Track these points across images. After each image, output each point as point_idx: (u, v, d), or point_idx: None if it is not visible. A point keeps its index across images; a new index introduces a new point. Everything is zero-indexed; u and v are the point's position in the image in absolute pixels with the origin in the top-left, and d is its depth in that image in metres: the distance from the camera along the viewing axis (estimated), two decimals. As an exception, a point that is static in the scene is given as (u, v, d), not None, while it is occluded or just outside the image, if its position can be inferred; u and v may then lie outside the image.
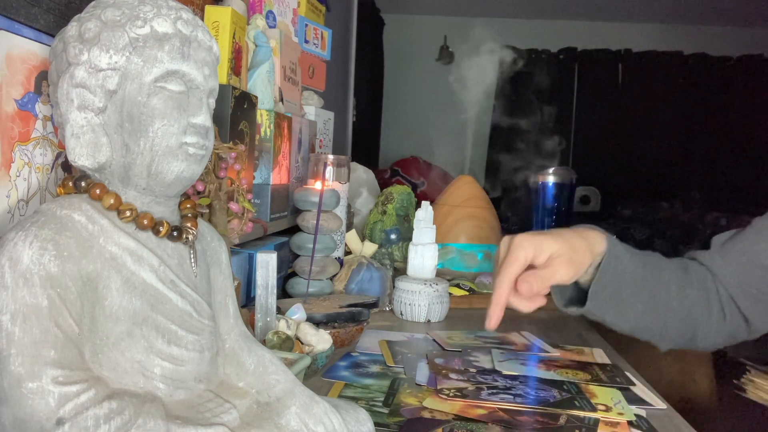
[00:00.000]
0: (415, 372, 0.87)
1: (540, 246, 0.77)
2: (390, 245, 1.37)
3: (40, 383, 0.40)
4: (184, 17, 0.49)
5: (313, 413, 0.52)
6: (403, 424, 0.70)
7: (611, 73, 4.75)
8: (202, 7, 0.95)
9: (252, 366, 0.54)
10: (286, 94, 1.20)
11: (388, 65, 4.62)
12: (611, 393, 0.81)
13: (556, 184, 1.68)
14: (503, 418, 0.72)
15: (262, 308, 0.82)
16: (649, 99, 4.61)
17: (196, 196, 0.75)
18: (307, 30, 1.42)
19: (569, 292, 0.92)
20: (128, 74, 0.47)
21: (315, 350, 0.82)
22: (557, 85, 4.75)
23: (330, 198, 1.15)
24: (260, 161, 1.05)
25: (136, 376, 0.46)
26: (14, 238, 0.42)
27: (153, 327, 0.47)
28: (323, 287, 1.15)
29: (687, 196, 4.12)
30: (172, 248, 0.50)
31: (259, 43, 1.07)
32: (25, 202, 0.58)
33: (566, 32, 4.71)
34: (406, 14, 4.70)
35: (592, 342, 1.08)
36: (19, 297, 0.41)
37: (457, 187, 1.55)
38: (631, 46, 4.69)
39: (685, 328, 0.88)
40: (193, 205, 0.55)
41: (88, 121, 0.47)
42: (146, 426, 0.43)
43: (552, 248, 0.77)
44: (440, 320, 1.18)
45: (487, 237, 1.49)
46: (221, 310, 0.55)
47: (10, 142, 0.56)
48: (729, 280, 0.88)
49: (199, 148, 0.49)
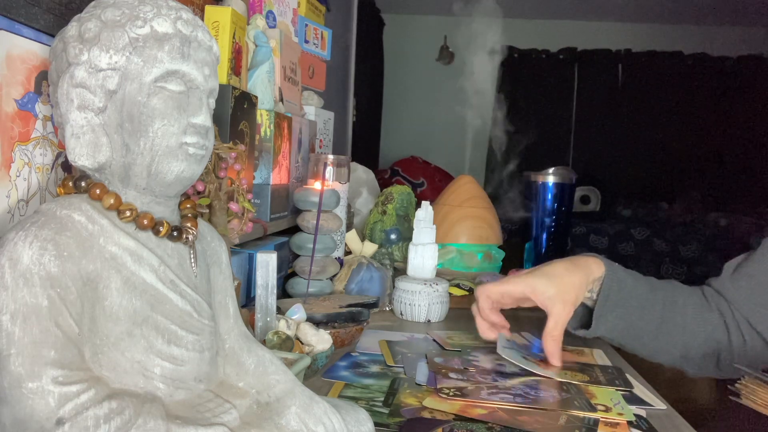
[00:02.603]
0: (415, 372, 0.87)
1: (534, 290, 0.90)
2: (390, 245, 1.37)
3: (40, 383, 0.40)
4: (184, 17, 0.49)
5: (313, 413, 0.52)
6: (403, 424, 0.70)
7: (611, 73, 4.75)
8: (202, 7, 0.95)
9: (252, 366, 0.54)
10: (286, 94, 1.20)
11: (388, 65, 4.62)
12: (611, 393, 0.81)
13: (556, 184, 1.68)
14: (503, 418, 0.72)
15: (262, 308, 0.82)
16: (649, 99, 4.61)
17: (196, 196, 0.75)
18: (307, 30, 1.42)
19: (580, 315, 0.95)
20: (128, 74, 0.47)
21: (315, 350, 0.82)
22: (557, 85, 4.75)
23: (330, 198, 1.15)
24: (260, 161, 1.05)
25: (136, 376, 0.46)
26: (14, 238, 0.42)
27: (153, 327, 0.47)
28: (323, 287, 1.15)
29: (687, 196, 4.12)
30: (172, 248, 0.50)
31: (259, 43, 1.07)
32: (25, 202, 0.58)
33: (566, 32, 4.72)
34: (406, 14, 4.70)
35: (592, 342, 1.08)
36: (19, 297, 0.41)
37: (457, 187, 1.55)
38: (631, 46, 4.69)
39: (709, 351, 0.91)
40: (193, 205, 0.55)
41: (88, 121, 0.47)
42: (146, 426, 0.43)
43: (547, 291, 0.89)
44: (440, 320, 1.18)
45: (487, 237, 1.49)
46: (221, 310, 0.55)
47: (10, 142, 0.56)
48: (743, 305, 0.90)
49: (199, 148, 0.49)
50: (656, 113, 4.59)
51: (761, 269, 0.90)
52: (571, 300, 0.89)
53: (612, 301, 0.90)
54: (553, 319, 0.89)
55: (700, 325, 0.90)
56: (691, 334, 0.90)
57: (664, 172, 4.54)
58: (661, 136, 4.57)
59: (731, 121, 4.45)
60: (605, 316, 0.90)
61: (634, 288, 0.91)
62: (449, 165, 3.97)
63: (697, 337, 0.90)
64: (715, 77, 4.58)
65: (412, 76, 4.79)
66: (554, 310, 0.88)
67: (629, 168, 4.60)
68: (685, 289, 0.94)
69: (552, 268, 0.91)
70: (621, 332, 0.91)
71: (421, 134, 4.73)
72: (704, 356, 0.91)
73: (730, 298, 0.91)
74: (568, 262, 0.92)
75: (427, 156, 4.03)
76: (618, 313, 0.90)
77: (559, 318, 0.88)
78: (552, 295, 0.88)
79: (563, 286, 0.88)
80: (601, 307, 0.90)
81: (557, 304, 0.88)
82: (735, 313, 0.90)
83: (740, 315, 0.90)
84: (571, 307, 0.89)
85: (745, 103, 4.39)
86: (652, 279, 0.95)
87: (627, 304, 0.90)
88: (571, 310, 0.89)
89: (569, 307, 0.89)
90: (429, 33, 4.71)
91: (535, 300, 0.90)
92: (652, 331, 0.90)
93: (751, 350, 0.89)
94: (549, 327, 0.89)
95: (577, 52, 4.77)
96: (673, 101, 4.59)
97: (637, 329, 0.90)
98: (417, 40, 4.77)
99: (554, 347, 0.90)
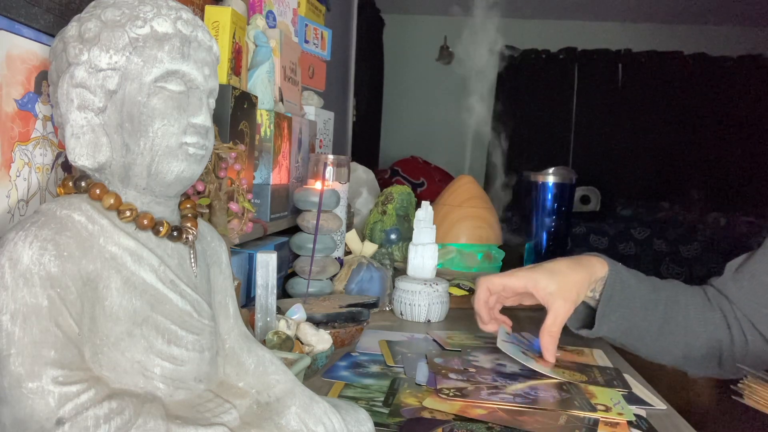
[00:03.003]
0: (415, 372, 0.87)
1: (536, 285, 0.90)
2: (390, 245, 1.37)
3: (40, 383, 0.40)
4: (184, 17, 0.49)
5: (313, 413, 0.52)
6: (403, 424, 0.70)
7: (611, 73, 4.75)
8: (202, 7, 0.95)
9: (252, 366, 0.54)
10: (286, 94, 1.20)
11: (388, 65, 4.62)
12: (611, 393, 0.81)
13: (556, 184, 1.68)
14: (503, 418, 0.72)
15: (262, 308, 0.82)
16: (649, 99, 4.61)
17: (196, 196, 0.75)
18: (307, 30, 1.42)
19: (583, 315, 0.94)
20: (128, 74, 0.47)
21: (315, 350, 0.82)
22: (557, 85, 4.76)
23: (330, 198, 1.15)
24: (260, 161, 1.05)
25: (136, 376, 0.46)
26: (14, 238, 0.42)
27: (153, 327, 0.47)
28: (323, 287, 1.15)
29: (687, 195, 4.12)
30: (172, 248, 0.50)
31: (259, 43, 1.07)
32: (25, 202, 0.58)
33: (566, 32, 4.72)
34: (406, 14, 4.70)
35: (592, 342, 1.08)
36: (19, 297, 0.41)
37: (457, 187, 1.55)
38: (631, 46, 4.69)
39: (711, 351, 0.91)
40: (193, 205, 0.55)
41: (88, 121, 0.47)
42: (146, 426, 0.43)
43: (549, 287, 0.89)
44: (440, 320, 1.18)
45: (487, 237, 1.49)
46: (221, 310, 0.55)
47: (10, 142, 0.56)
48: (745, 305, 0.90)
49: (199, 148, 0.49)
50: (656, 113, 4.59)
51: (764, 269, 0.90)
52: (571, 298, 0.89)
53: (615, 302, 0.90)
54: (552, 314, 0.89)
55: (702, 325, 0.90)
56: (693, 334, 0.90)
57: (664, 172, 4.54)
58: (661, 136, 4.57)
59: (731, 121, 4.45)
60: (608, 316, 0.90)
61: (636, 288, 0.91)
62: (449, 165, 3.97)
63: (699, 337, 0.90)
64: (715, 77, 4.58)
65: (412, 76, 4.79)
66: (554, 306, 0.88)
67: (629, 168, 4.60)
68: (687, 289, 0.94)
69: (555, 264, 0.91)
70: (623, 333, 0.91)
71: (421, 134, 4.73)
72: (706, 356, 0.91)
73: (732, 297, 0.91)
74: (571, 260, 0.92)
75: (427, 156, 4.03)
76: (621, 313, 0.90)
77: (558, 314, 0.88)
78: (553, 291, 0.88)
79: (565, 283, 0.88)
80: (604, 308, 0.90)
81: (558, 300, 0.88)
82: (737, 313, 0.90)
83: (742, 314, 0.90)
84: (571, 304, 0.89)
85: (745, 103, 4.39)
86: (655, 279, 0.95)
87: (630, 305, 0.90)
88: (571, 307, 0.89)
89: (569, 304, 0.89)
90: (429, 33, 4.71)
91: (536, 295, 0.90)
92: (654, 331, 0.90)
93: (753, 350, 0.89)
94: (548, 323, 0.89)
95: (577, 52, 4.77)
96: (673, 101, 4.59)
97: (639, 330, 0.90)
98: (417, 40, 4.77)
99: (550, 343, 0.89)
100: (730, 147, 4.42)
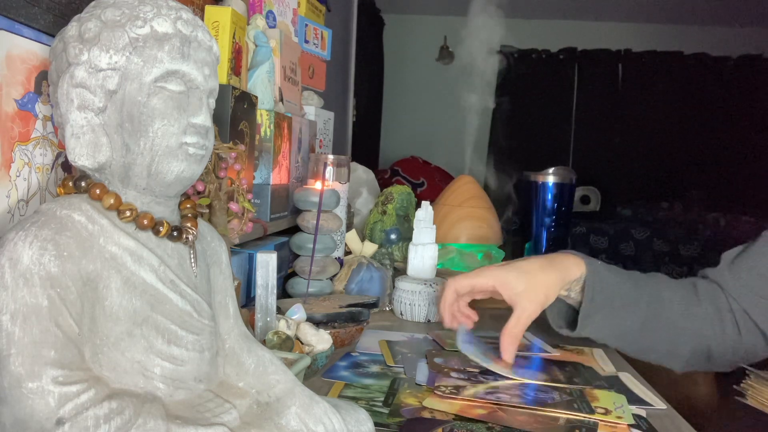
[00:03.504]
0: (415, 372, 0.87)
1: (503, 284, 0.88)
2: (390, 245, 1.37)
3: (40, 383, 0.40)
4: (184, 17, 0.49)
5: (313, 413, 0.52)
6: (403, 424, 0.70)
7: (611, 73, 4.75)
8: (202, 7, 0.95)
9: (252, 366, 0.54)
10: (286, 94, 1.20)
11: (388, 65, 4.62)
12: (614, 396, 0.80)
13: (556, 184, 1.68)
14: (503, 418, 0.72)
15: (262, 308, 0.82)
16: (649, 99, 4.62)
17: (196, 196, 0.75)
18: (307, 30, 1.42)
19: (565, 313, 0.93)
20: (128, 74, 0.47)
21: (315, 350, 0.82)
22: (557, 85, 4.76)
23: (330, 198, 1.15)
24: (260, 161, 1.05)
25: (136, 376, 0.46)
26: (14, 238, 0.42)
27: (153, 327, 0.47)
28: (323, 287, 1.15)
29: (687, 195, 4.12)
30: (172, 248, 0.50)
31: (259, 43, 1.07)
32: (25, 202, 0.58)
33: (566, 32, 4.72)
34: (406, 14, 4.70)
35: (592, 342, 1.07)
36: (19, 297, 0.41)
37: (457, 187, 1.55)
38: (631, 46, 4.69)
39: (698, 346, 0.88)
40: (193, 205, 0.55)
41: (88, 121, 0.47)
42: (146, 426, 0.43)
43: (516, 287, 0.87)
44: (440, 320, 1.17)
45: (487, 237, 1.49)
46: (221, 310, 0.55)
47: (10, 142, 0.56)
48: (741, 295, 0.88)
49: (199, 148, 0.49)
50: (656, 113, 4.59)
51: (762, 262, 0.88)
52: (539, 299, 0.86)
53: (597, 303, 0.87)
54: (516, 315, 0.86)
55: (688, 321, 0.88)
56: (678, 330, 0.88)
57: (663, 172, 4.54)
58: (660, 136, 4.57)
59: (731, 121, 4.45)
60: (591, 317, 0.88)
61: (617, 287, 0.88)
62: (449, 165, 3.96)
63: (684, 333, 0.88)
64: (715, 77, 4.58)
65: (412, 76, 4.79)
66: (519, 307, 0.86)
67: (629, 168, 4.60)
68: (672, 283, 0.92)
69: (526, 263, 0.89)
70: (606, 332, 0.89)
71: (421, 134, 4.73)
72: (693, 351, 0.88)
73: (727, 288, 0.89)
74: (544, 260, 0.90)
75: (427, 156, 4.03)
76: (603, 313, 0.87)
77: (521, 316, 0.86)
78: (520, 292, 0.86)
79: (534, 284, 0.86)
80: (587, 309, 0.87)
81: (523, 301, 0.86)
82: (732, 305, 0.88)
83: (738, 306, 0.88)
84: (538, 306, 0.86)
85: (745, 103, 4.38)
86: (636, 274, 0.92)
87: (611, 305, 0.88)
88: (537, 309, 0.87)
89: (535, 306, 0.86)
90: (429, 33, 4.71)
91: (503, 294, 0.88)
92: (637, 329, 0.88)
93: (745, 342, 0.87)
94: (510, 323, 0.86)
95: (577, 52, 4.77)
96: (673, 101, 4.59)
97: (622, 329, 0.88)
98: (417, 40, 4.77)
99: (510, 344, 0.87)
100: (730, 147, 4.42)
